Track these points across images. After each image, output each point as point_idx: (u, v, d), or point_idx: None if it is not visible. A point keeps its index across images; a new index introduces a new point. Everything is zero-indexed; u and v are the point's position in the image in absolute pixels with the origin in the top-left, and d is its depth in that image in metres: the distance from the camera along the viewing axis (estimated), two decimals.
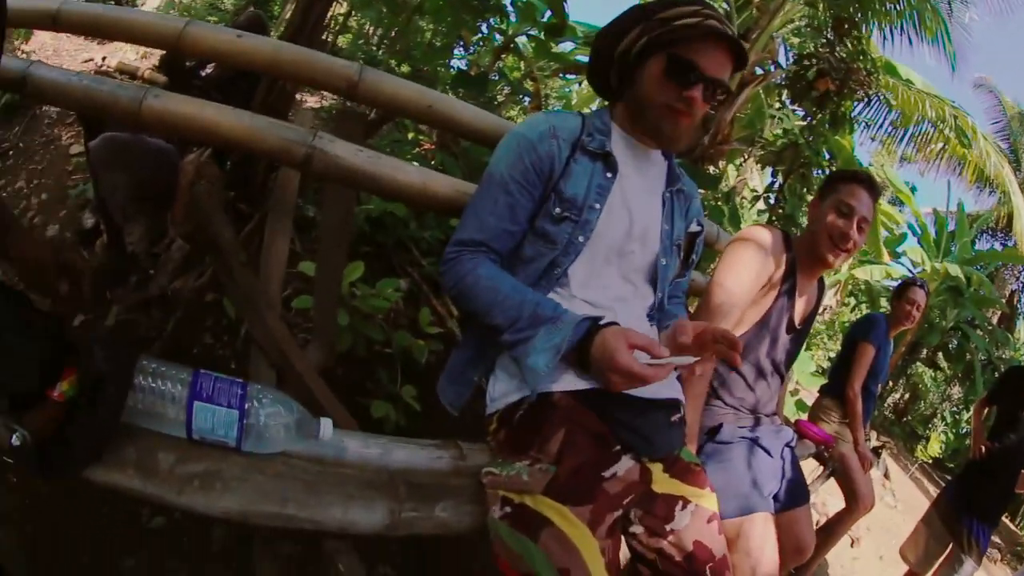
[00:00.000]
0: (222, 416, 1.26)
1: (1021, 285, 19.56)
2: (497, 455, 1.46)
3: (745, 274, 2.07)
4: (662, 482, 1.47)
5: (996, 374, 15.38)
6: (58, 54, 7.31)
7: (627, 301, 1.53)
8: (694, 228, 1.71)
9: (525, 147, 1.48)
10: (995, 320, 17.92)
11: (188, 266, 2.90)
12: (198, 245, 2.17)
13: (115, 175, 3.06)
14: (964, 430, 18.22)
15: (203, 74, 3.30)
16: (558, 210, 1.46)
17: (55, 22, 1.92)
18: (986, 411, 4.68)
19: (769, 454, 2.09)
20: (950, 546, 4.23)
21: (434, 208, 1.67)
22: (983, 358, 15.94)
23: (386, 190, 1.59)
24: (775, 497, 2.07)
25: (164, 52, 3.35)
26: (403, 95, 1.74)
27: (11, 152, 5.01)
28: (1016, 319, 18.88)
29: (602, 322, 1.34)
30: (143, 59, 7.11)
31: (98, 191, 3.20)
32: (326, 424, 1.37)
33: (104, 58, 7.20)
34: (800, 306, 2.27)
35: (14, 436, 1.06)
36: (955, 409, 19.26)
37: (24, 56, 6.77)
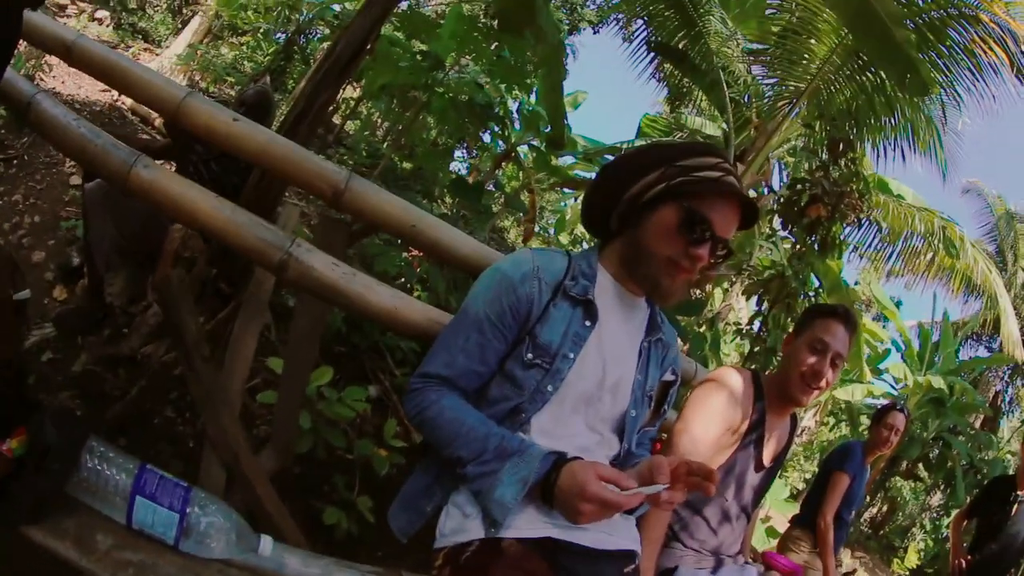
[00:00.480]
0: (162, 515, 1.27)
1: (1005, 384, 19.65)
2: None
3: (711, 425, 2.03)
4: None
5: (979, 476, 15.38)
6: (80, 75, 7.31)
7: (590, 451, 1.48)
8: (668, 377, 1.66)
9: (505, 287, 1.45)
10: (978, 423, 17.92)
11: (161, 333, 2.87)
12: (165, 328, 2.15)
13: (105, 224, 3.07)
14: (944, 534, 17.97)
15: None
16: (530, 355, 1.42)
17: (69, 54, 1.91)
18: (964, 524, 4.63)
19: None
20: None
21: (403, 333, 1.66)
22: (965, 463, 15.89)
23: (356, 309, 1.57)
24: None
25: None
26: (387, 211, 1.73)
27: (15, 162, 4.98)
28: (1000, 419, 18.90)
29: (568, 456, 1.32)
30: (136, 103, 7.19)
31: (87, 234, 3.20)
32: (266, 542, 1.38)
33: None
34: (770, 446, 2.22)
35: None
36: (935, 516, 19.08)
37: (47, 67, 6.85)
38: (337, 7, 8.41)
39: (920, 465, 16.83)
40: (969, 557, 4.20)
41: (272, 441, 2.13)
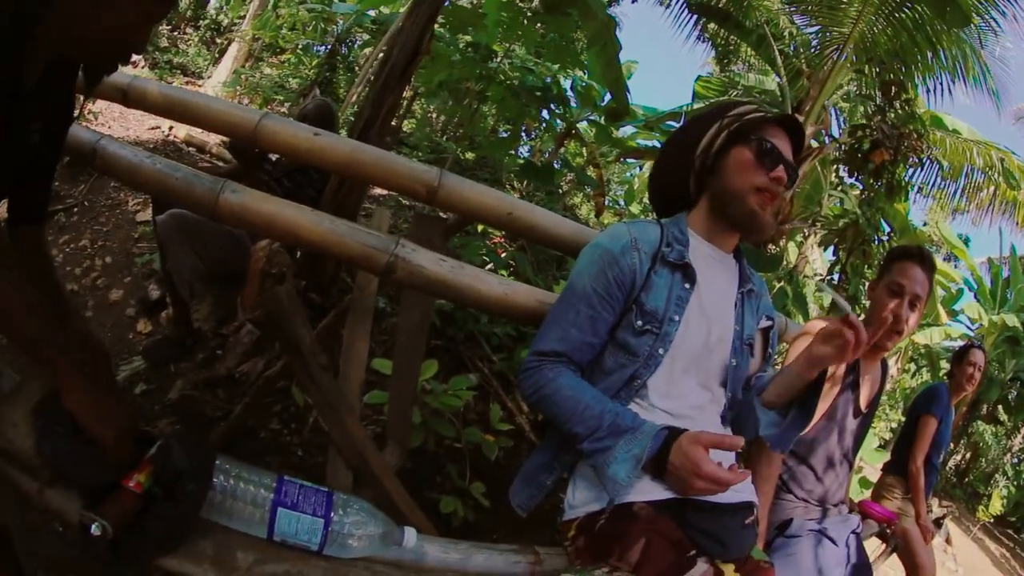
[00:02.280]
0: (306, 523, 1.27)
1: None
2: (574, 561, 1.47)
3: None
4: None
5: None
6: (124, 117, 7.55)
7: (704, 409, 1.56)
8: (764, 324, 1.72)
9: (608, 261, 1.52)
10: None
11: (257, 350, 2.95)
12: (277, 344, 2.19)
13: (183, 253, 3.12)
14: None
15: (273, 159, 3.37)
16: (640, 323, 1.49)
17: (125, 98, 1.96)
18: None
19: (835, 543, 2.12)
20: None
21: (515, 318, 1.69)
22: None
23: (468, 300, 1.61)
24: None
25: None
26: (483, 202, 1.78)
27: (76, 209, 5.11)
28: None
29: (679, 430, 1.37)
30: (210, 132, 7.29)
31: (165, 265, 3.26)
32: (410, 533, 1.38)
33: (171, 127, 7.38)
34: (865, 391, 2.29)
35: (93, 526, 1.04)
36: (1016, 460, 18.62)
37: (90, 114, 7.00)
38: (372, 12, 8.50)
39: (1000, 407, 16.44)
40: None
41: (390, 437, 2.19)
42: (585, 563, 1.41)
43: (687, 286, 1.53)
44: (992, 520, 15.37)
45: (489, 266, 4.36)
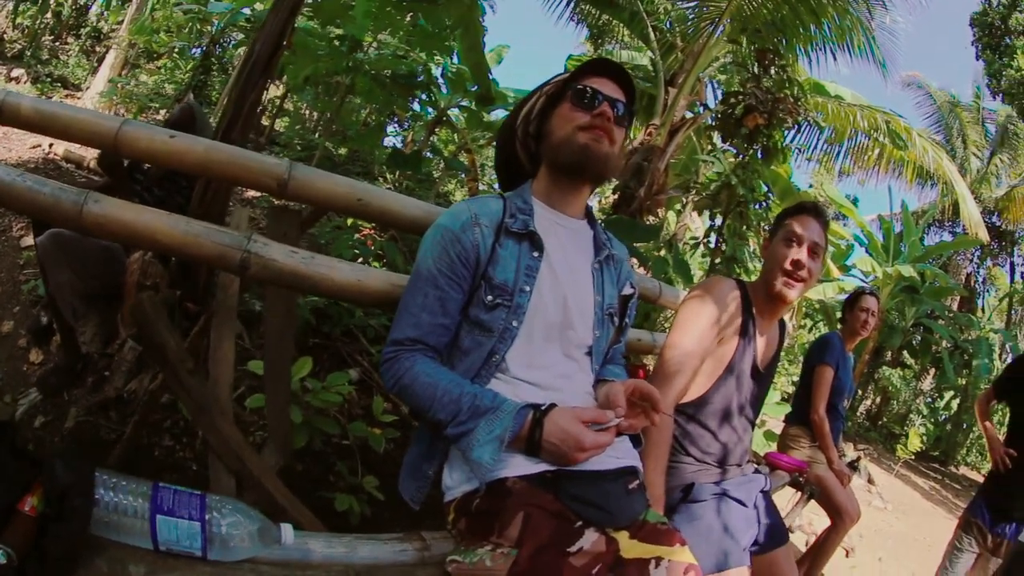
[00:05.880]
0: (184, 528, 1.25)
1: (975, 266, 20.20)
2: (459, 543, 1.46)
3: (694, 328, 2.08)
4: (630, 548, 1.40)
5: (965, 356, 15.75)
6: (7, 137, 7.26)
7: (571, 378, 1.56)
8: (627, 291, 1.74)
9: (449, 239, 1.50)
10: (955, 306, 18.36)
11: (142, 366, 2.86)
12: (146, 351, 2.13)
13: (62, 273, 3.02)
14: (943, 416, 18.56)
15: (145, 167, 3.27)
16: (490, 298, 1.48)
17: (0, 114, 1.86)
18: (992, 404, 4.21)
19: (742, 503, 2.08)
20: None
21: (372, 304, 1.70)
22: (948, 345, 16.27)
23: (322, 289, 1.61)
24: (755, 542, 2.09)
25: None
26: (333, 190, 1.77)
27: None
28: (976, 299, 19.32)
29: (543, 407, 1.37)
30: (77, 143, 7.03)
31: (47, 288, 3.15)
32: (286, 530, 1.38)
33: (51, 144, 7.12)
34: (761, 349, 2.26)
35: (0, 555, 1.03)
36: (929, 400, 19.51)
37: None
38: (247, 11, 8.29)
39: (904, 352, 17.22)
40: (1012, 451, 3.66)
41: (270, 438, 2.15)
42: (469, 544, 1.40)
43: (535, 255, 1.52)
44: (913, 456, 16.15)
45: (360, 260, 4.33)
